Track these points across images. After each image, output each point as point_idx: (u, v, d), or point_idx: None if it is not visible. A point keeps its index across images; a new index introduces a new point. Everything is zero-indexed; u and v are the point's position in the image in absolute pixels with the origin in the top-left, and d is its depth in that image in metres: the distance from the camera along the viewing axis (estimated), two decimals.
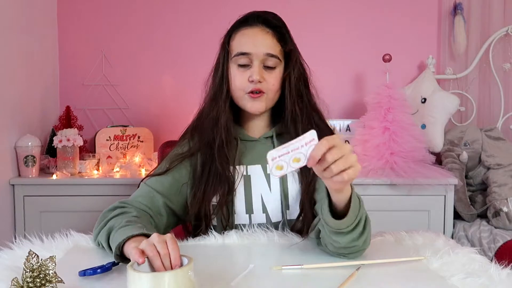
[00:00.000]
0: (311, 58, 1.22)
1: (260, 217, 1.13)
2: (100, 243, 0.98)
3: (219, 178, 1.11)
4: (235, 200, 1.13)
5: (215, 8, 2.41)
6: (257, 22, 1.13)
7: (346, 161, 0.78)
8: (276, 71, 1.12)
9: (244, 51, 1.10)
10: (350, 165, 0.79)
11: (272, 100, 1.15)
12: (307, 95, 1.17)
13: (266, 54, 1.10)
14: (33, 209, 1.96)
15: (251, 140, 1.18)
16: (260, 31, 1.12)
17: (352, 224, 0.89)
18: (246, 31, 1.12)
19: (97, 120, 2.42)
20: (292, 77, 1.13)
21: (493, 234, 1.89)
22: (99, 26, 2.42)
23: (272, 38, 1.12)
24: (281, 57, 1.13)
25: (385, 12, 2.45)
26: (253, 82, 1.10)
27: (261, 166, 1.15)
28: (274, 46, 1.12)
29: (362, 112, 2.17)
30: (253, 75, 1.09)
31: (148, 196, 1.09)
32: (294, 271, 0.87)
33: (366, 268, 0.88)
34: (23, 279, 0.69)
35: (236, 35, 1.14)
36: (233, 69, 1.13)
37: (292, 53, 1.14)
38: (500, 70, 2.38)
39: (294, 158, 0.78)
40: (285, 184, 1.14)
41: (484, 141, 2.15)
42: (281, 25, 1.14)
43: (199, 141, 1.16)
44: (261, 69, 1.11)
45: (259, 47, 1.10)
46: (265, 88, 1.11)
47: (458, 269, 0.86)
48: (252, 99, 1.11)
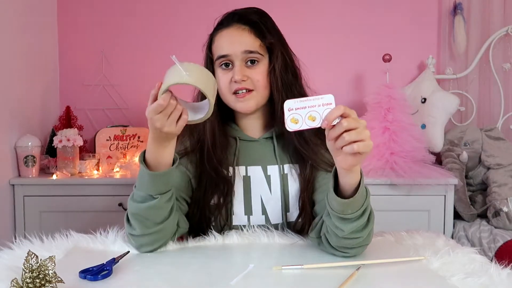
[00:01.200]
0: (311, 58, 1.22)
1: (259, 218, 1.13)
2: (135, 201, 0.98)
3: (214, 181, 1.09)
4: (234, 201, 1.12)
5: (215, 8, 2.39)
6: (232, 21, 1.12)
7: (360, 134, 0.80)
8: (259, 66, 1.10)
9: (223, 53, 1.10)
10: (362, 138, 0.80)
11: (263, 98, 1.12)
12: (297, 87, 1.14)
13: (244, 51, 1.08)
14: (33, 209, 1.96)
15: (250, 140, 1.16)
16: (235, 30, 1.11)
17: (358, 210, 0.88)
18: (223, 33, 1.12)
19: (97, 120, 2.42)
20: (277, 70, 1.11)
21: (493, 234, 1.89)
22: (99, 26, 2.42)
23: (249, 34, 1.10)
24: (262, 51, 1.10)
25: (385, 12, 2.45)
26: (236, 83, 1.08)
27: (261, 167, 1.14)
28: (253, 42, 1.09)
29: (362, 112, 2.17)
30: (235, 75, 1.08)
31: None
32: (294, 271, 0.87)
33: (366, 268, 0.88)
34: (23, 280, 0.69)
35: (215, 38, 1.14)
36: (218, 73, 1.11)
37: (274, 46, 1.11)
38: (500, 70, 2.38)
39: (309, 115, 0.81)
40: (286, 185, 1.13)
41: (484, 141, 2.15)
42: (257, 20, 1.12)
43: (192, 144, 1.15)
44: (243, 68, 1.09)
45: (236, 46, 1.09)
46: (251, 85, 1.09)
47: (458, 269, 0.87)
48: (238, 100, 1.09)
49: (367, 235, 0.93)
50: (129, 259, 0.94)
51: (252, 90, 1.09)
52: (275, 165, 1.14)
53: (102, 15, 2.42)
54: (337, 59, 2.46)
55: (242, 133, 1.17)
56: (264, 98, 1.12)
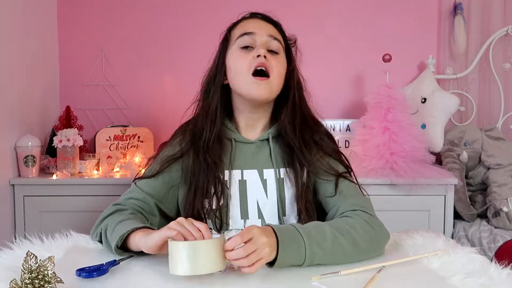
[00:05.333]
0: (311, 58, 1.22)
1: (256, 223, 1.12)
2: (99, 235, 1.00)
3: (209, 176, 1.09)
4: (230, 205, 1.11)
5: (215, 8, 2.41)
6: (256, 17, 1.16)
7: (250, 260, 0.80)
8: (279, 57, 1.12)
9: (248, 31, 1.11)
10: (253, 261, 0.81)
11: (277, 87, 1.11)
12: (304, 101, 1.18)
13: (269, 35, 1.11)
14: (33, 209, 1.96)
15: (246, 143, 1.16)
16: (261, 21, 1.15)
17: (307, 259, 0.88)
18: (249, 20, 1.15)
19: (97, 120, 2.42)
20: (295, 72, 1.15)
21: (493, 234, 1.89)
22: (99, 26, 2.42)
23: (273, 27, 1.14)
24: (283, 46, 1.14)
25: (385, 12, 2.45)
26: (259, 57, 1.07)
27: (257, 171, 1.14)
28: (277, 34, 1.14)
29: (362, 112, 2.16)
30: (258, 49, 1.08)
31: (139, 197, 1.09)
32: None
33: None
34: (22, 280, 0.69)
35: (237, 25, 1.16)
36: (236, 54, 1.11)
37: (290, 50, 1.17)
38: (500, 70, 2.38)
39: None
40: (282, 190, 1.13)
41: (484, 141, 2.15)
42: (279, 23, 1.18)
43: (191, 138, 1.15)
44: (264, 49, 1.09)
45: (262, 29, 1.12)
46: (270, 68, 1.08)
47: (458, 269, 0.87)
48: (257, 82, 1.06)
49: (360, 251, 0.94)
50: (129, 260, 0.94)
51: (268, 76, 1.08)
52: (271, 169, 1.14)
53: (102, 15, 2.41)
54: (337, 59, 2.46)
55: (238, 134, 1.16)
56: (277, 89, 1.11)
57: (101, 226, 1.00)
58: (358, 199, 1.07)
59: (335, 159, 1.14)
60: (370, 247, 0.96)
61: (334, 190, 1.08)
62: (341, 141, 2.25)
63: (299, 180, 1.11)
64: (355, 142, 2.11)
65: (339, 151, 1.17)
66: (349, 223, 0.96)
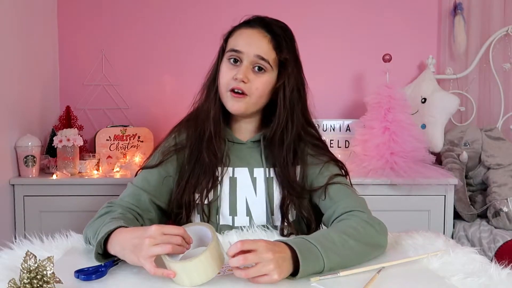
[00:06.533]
0: (311, 58, 1.22)
1: (244, 220, 1.14)
2: (87, 241, 1.00)
3: (204, 169, 1.12)
4: (220, 201, 1.13)
5: (215, 8, 2.41)
6: (257, 25, 1.12)
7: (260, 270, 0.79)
8: (264, 76, 1.10)
9: (236, 48, 1.10)
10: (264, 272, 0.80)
11: (255, 105, 1.12)
12: (301, 109, 1.15)
13: (256, 55, 1.09)
14: (33, 209, 1.96)
15: (238, 143, 1.18)
16: (257, 33, 1.11)
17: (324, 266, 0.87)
18: (245, 31, 1.13)
19: (97, 120, 2.42)
20: (286, 87, 1.12)
21: (493, 234, 1.89)
22: (99, 26, 2.42)
23: (268, 44, 1.10)
24: (273, 64, 1.11)
25: (385, 12, 2.45)
26: (236, 80, 1.08)
27: (248, 169, 1.16)
28: (268, 52, 1.10)
29: (362, 112, 2.16)
30: (238, 73, 1.08)
31: (134, 195, 1.10)
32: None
33: None
34: (20, 280, 0.69)
35: (235, 33, 1.14)
36: (224, 65, 1.13)
37: (288, 63, 1.12)
38: (500, 70, 2.38)
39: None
40: (271, 189, 1.15)
41: (484, 141, 2.15)
42: (281, 34, 1.12)
43: (190, 135, 1.17)
44: (248, 70, 1.09)
45: (251, 48, 1.09)
46: (247, 90, 1.09)
47: (458, 269, 0.86)
48: (233, 98, 1.10)
49: (363, 249, 0.94)
50: None
51: (246, 95, 1.09)
52: (261, 167, 1.16)
53: (102, 15, 2.41)
54: (337, 59, 2.46)
55: (231, 135, 1.18)
56: (256, 106, 1.13)
57: (86, 232, 1.01)
58: (352, 199, 1.08)
59: (326, 163, 1.15)
60: (377, 243, 0.98)
61: (324, 194, 1.09)
62: (341, 141, 2.25)
63: (286, 181, 1.12)
64: (355, 142, 2.11)
65: (330, 156, 1.17)
66: (350, 225, 0.97)
